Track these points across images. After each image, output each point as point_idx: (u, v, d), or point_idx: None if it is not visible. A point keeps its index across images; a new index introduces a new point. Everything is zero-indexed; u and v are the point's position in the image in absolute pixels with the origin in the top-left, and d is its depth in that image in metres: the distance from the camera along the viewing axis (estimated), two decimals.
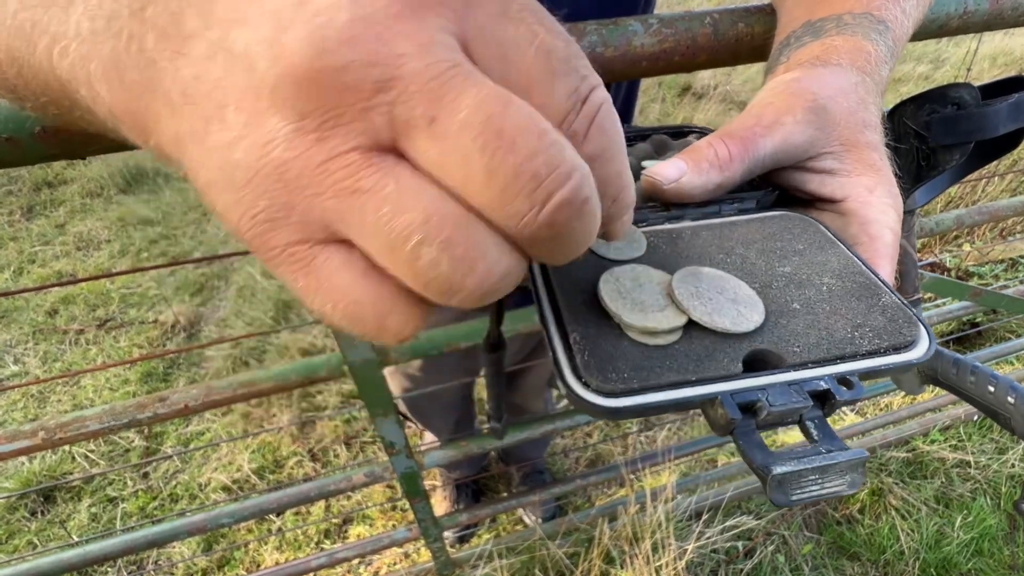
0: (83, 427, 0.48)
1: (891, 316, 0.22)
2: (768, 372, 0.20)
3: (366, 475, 0.72)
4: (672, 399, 0.19)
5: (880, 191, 0.26)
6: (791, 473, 0.17)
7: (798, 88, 0.27)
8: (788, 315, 0.22)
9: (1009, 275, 1.75)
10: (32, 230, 2.42)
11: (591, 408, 0.19)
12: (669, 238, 0.26)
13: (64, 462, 1.52)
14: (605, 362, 0.19)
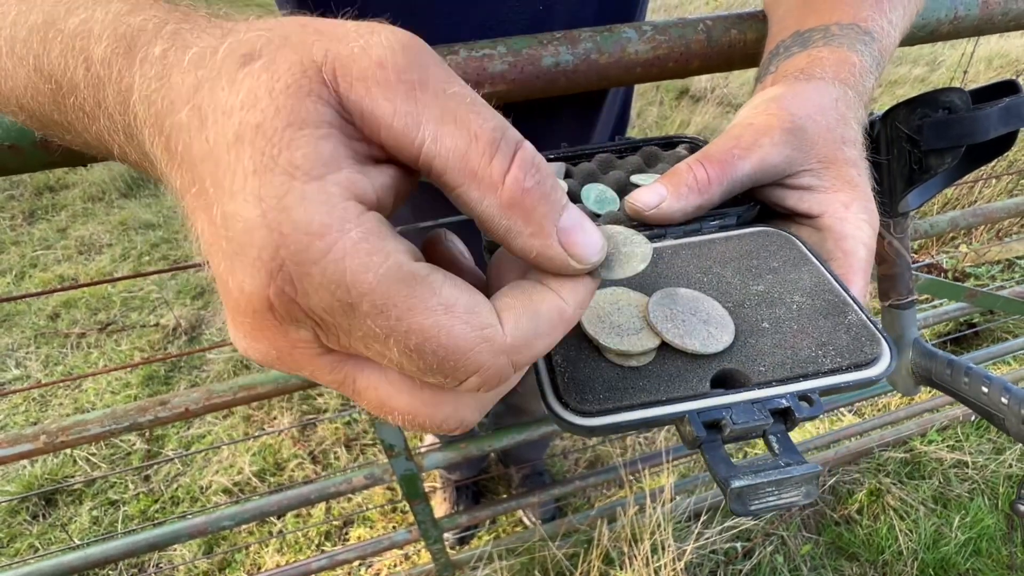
0: (85, 431, 0.49)
1: (855, 334, 0.23)
2: (733, 391, 0.21)
3: (366, 477, 0.73)
4: (643, 418, 0.20)
5: (856, 207, 0.27)
6: (749, 486, 0.19)
7: (777, 108, 0.28)
8: (757, 334, 0.23)
9: (1006, 276, 1.75)
10: (34, 234, 2.43)
11: (570, 427, 0.20)
12: (652, 259, 0.27)
13: (65, 465, 1.53)
14: (583, 383, 0.21)
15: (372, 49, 0.16)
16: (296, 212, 0.14)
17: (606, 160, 0.35)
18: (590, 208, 0.30)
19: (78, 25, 0.18)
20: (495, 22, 0.43)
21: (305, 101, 0.15)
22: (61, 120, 0.20)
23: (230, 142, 0.15)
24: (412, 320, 0.15)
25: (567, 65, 0.38)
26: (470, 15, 0.42)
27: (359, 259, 0.15)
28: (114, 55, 0.17)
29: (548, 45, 0.38)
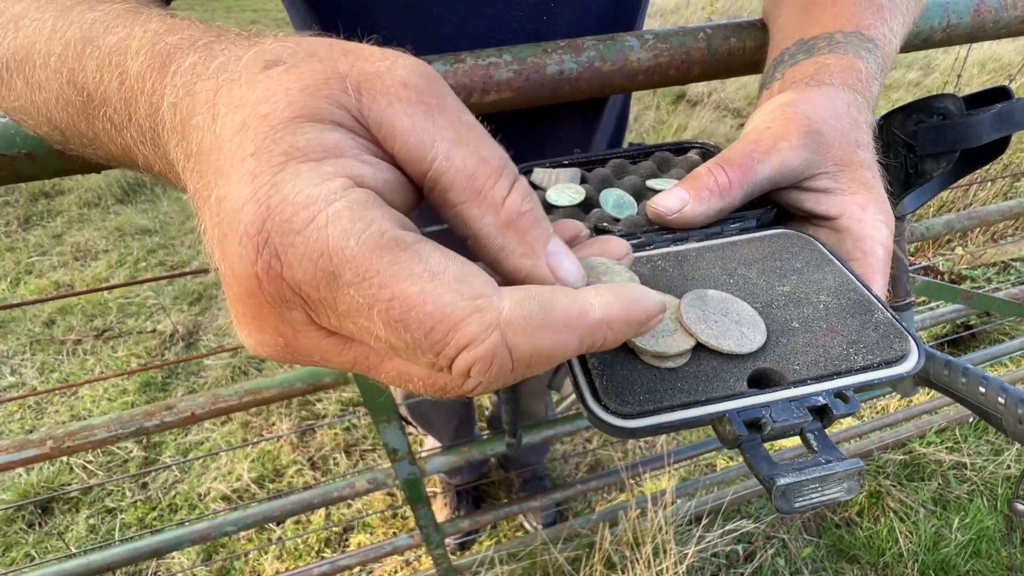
0: (91, 435, 0.49)
1: (883, 332, 0.23)
2: (771, 389, 0.22)
3: (369, 482, 0.73)
4: (684, 418, 0.21)
5: (872, 208, 0.28)
6: (794, 484, 0.19)
7: (793, 113, 0.29)
8: (788, 333, 0.24)
9: (1001, 278, 1.77)
10: (29, 240, 2.42)
11: (611, 429, 0.20)
12: (675, 260, 0.27)
13: (62, 473, 1.52)
14: (622, 385, 0.21)
15: (397, 70, 0.16)
16: (286, 186, 0.15)
17: (620, 166, 0.35)
18: (609, 212, 0.31)
19: (116, 43, 0.19)
20: (500, 32, 0.43)
21: (320, 101, 0.15)
22: (88, 131, 0.20)
23: (235, 129, 0.15)
24: (396, 287, 0.15)
25: (571, 73, 0.39)
26: (476, 25, 0.43)
27: (341, 226, 0.14)
28: (149, 70, 0.18)
29: (552, 53, 0.38)
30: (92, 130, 0.20)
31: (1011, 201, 0.77)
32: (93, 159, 0.23)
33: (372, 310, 0.15)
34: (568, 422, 0.80)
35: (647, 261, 0.27)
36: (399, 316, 0.15)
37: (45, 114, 0.21)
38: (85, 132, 0.21)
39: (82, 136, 0.21)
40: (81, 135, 0.21)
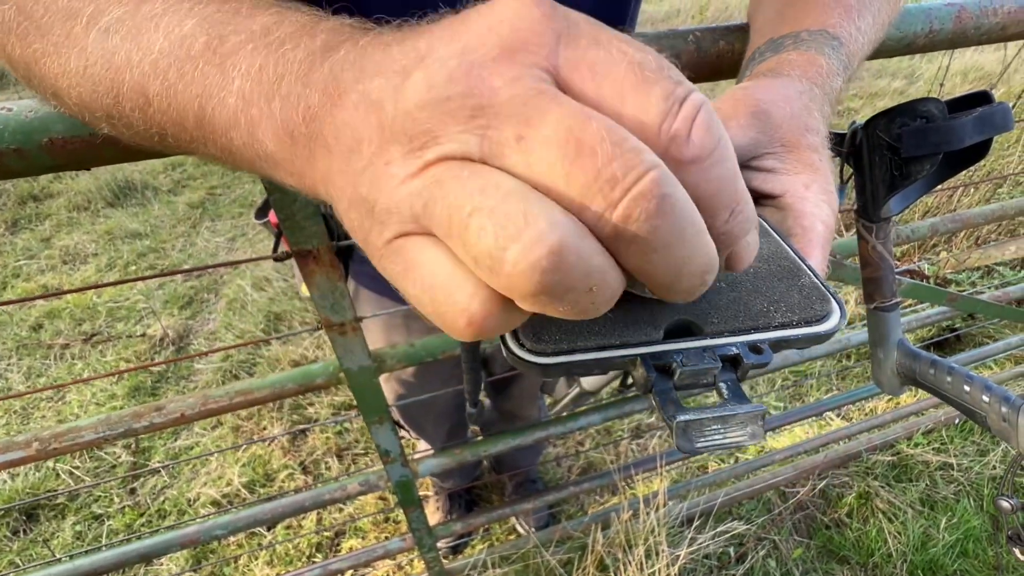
0: (78, 437, 0.48)
1: (807, 294, 0.24)
2: (685, 339, 0.22)
3: (361, 484, 0.73)
4: (596, 358, 0.21)
5: (815, 188, 0.29)
6: (694, 421, 0.19)
7: (743, 95, 0.30)
8: (712, 292, 0.24)
9: (985, 282, 1.80)
10: (16, 244, 2.39)
11: (525, 365, 0.21)
12: None
13: (48, 479, 1.49)
14: (540, 326, 0.22)
15: None
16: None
17: None
18: None
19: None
20: None
21: None
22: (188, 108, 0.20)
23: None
24: None
25: None
26: None
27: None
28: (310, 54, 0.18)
29: None
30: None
31: (993, 205, 0.79)
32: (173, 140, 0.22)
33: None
34: (560, 424, 0.80)
35: None
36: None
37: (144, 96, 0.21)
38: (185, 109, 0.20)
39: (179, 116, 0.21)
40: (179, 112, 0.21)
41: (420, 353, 0.56)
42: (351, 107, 0.17)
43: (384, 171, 0.15)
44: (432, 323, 0.17)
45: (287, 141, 0.18)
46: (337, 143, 0.17)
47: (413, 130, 0.15)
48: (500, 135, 0.14)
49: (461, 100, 0.14)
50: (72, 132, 0.31)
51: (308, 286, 0.44)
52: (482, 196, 0.14)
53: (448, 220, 0.14)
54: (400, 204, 0.15)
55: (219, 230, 2.48)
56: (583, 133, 0.14)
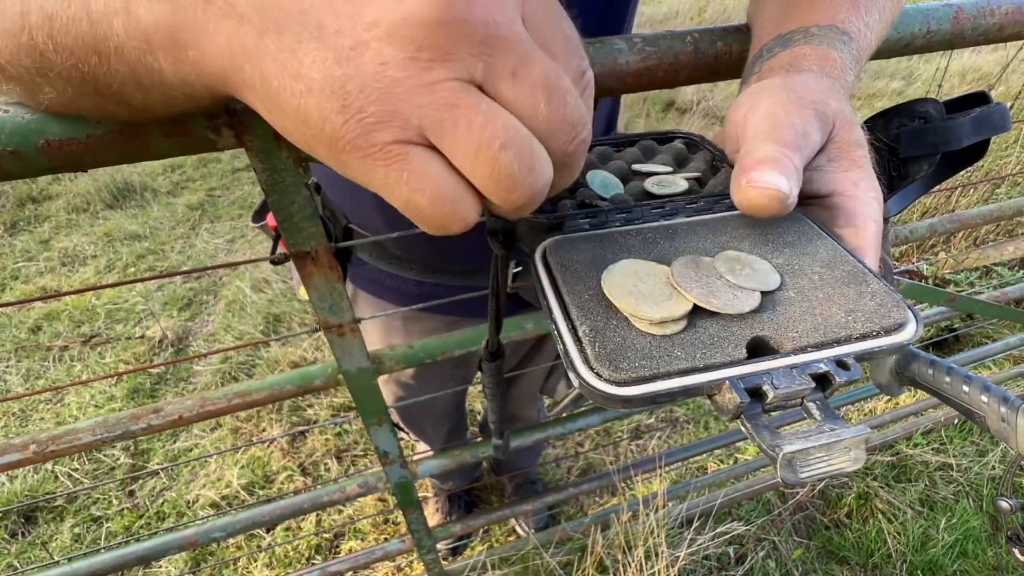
0: (76, 439, 0.48)
1: (880, 301, 0.23)
2: (771, 357, 0.21)
3: (360, 486, 0.72)
4: (682, 386, 0.20)
5: (864, 185, 0.28)
6: (799, 451, 0.18)
7: (796, 97, 0.28)
8: (785, 303, 0.23)
9: (983, 282, 1.80)
10: (15, 246, 2.39)
11: (604, 397, 0.19)
12: (667, 233, 0.27)
13: (46, 481, 1.49)
14: (615, 353, 0.20)
15: None
16: None
17: (604, 153, 0.35)
18: (595, 191, 0.31)
19: None
20: None
21: None
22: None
23: None
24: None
25: None
26: None
27: None
28: None
29: None
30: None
31: (991, 205, 0.79)
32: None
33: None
34: (560, 425, 0.80)
35: (637, 234, 0.27)
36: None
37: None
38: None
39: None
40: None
41: (419, 355, 0.56)
42: None
43: (380, 76, 0.16)
44: (414, 220, 0.19)
45: (165, 7, 0.18)
46: (262, 16, 0.17)
47: (424, 41, 0.16)
48: (501, 66, 0.17)
49: (475, 27, 0.16)
50: (68, 134, 0.31)
51: (306, 288, 0.44)
52: (506, 134, 0.18)
53: (476, 147, 0.17)
54: (408, 112, 0.17)
55: (218, 232, 2.48)
56: (559, 84, 0.18)
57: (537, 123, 0.18)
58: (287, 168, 0.36)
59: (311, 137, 0.18)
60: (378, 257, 0.65)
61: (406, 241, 0.61)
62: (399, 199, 0.18)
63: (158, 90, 0.21)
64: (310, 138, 0.18)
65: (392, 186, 0.18)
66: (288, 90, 0.17)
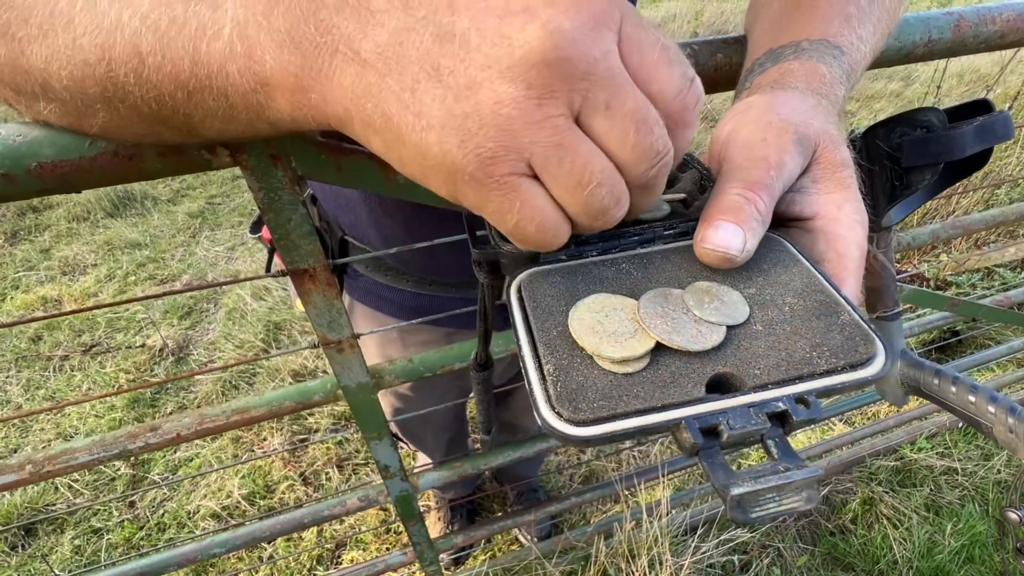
0: (72, 459, 0.47)
1: (849, 334, 0.23)
2: (730, 395, 0.21)
3: (360, 499, 0.72)
4: (638, 426, 0.20)
5: (848, 208, 0.27)
6: (749, 493, 0.18)
7: (779, 121, 0.28)
8: (750, 337, 0.23)
9: (986, 284, 1.79)
10: (16, 255, 2.39)
11: (563, 438, 0.20)
12: (640, 263, 0.27)
13: (47, 493, 1.48)
14: (576, 392, 0.21)
15: None
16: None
17: None
18: None
19: None
20: None
21: None
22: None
23: None
24: None
25: None
26: None
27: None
28: None
29: None
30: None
31: (994, 210, 0.78)
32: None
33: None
34: None
35: (612, 264, 0.27)
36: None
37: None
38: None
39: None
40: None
41: (419, 369, 0.56)
42: (402, 30, 0.18)
43: (496, 113, 0.18)
44: (516, 242, 0.22)
45: (293, 53, 0.19)
46: (383, 59, 0.18)
47: (534, 80, 0.18)
48: (596, 99, 0.19)
49: (577, 63, 0.18)
50: (61, 156, 0.30)
51: (304, 304, 0.44)
52: (603, 174, 0.20)
53: (576, 183, 0.20)
54: (521, 147, 0.19)
55: (218, 239, 2.48)
56: (647, 115, 0.20)
57: (625, 153, 0.20)
58: (283, 186, 0.35)
59: (429, 168, 0.20)
60: (374, 269, 0.64)
61: (402, 254, 0.60)
62: (507, 224, 0.21)
63: (250, 124, 0.22)
64: (427, 169, 0.20)
65: (504, 213, 0.20)
66: (410, 126, 0.19)
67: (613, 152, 0.20)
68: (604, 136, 0.20)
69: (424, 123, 0.18)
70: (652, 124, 0.20)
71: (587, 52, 0.18)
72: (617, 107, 0.19)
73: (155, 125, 0.23)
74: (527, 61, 0.18)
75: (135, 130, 0.25)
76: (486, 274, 0.29)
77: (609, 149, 0.20)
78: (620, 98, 0.19)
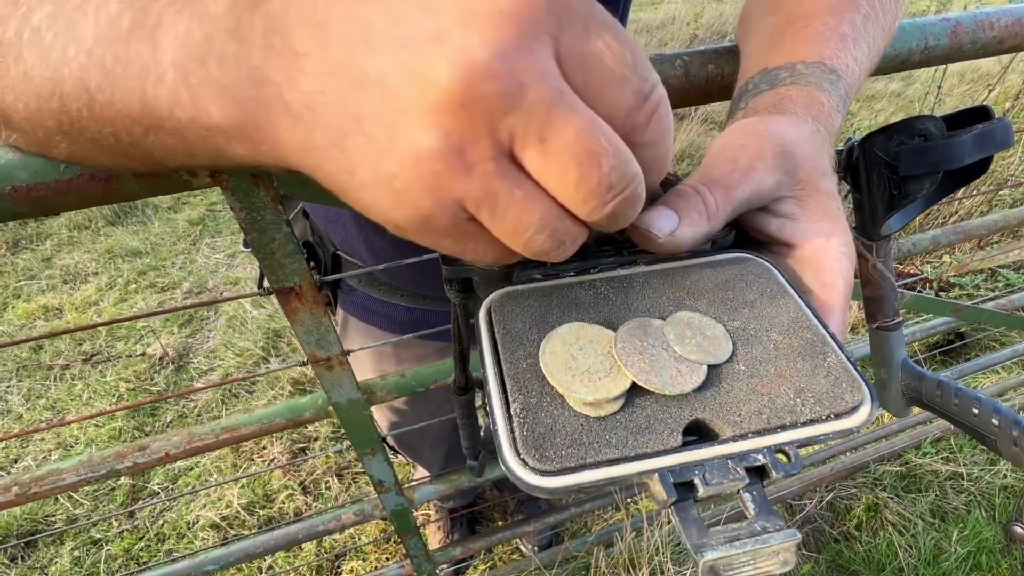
0: (59, 480, 0.47)
1: (835, 379, 0.22)
2: (707, 444, 0.20)
3: (356, 513, 0.71)
4: (608, 478, 0.19)
5: (836, 240, 0.27)
6: (723, 559, 0.17)
7: (766, 132, 0.28)
8: (732, 377, 0.22)
9: (989, 285, 1.78)
10: (17, 264, 2.40)
11: (527, 487, 0.18)
12: (620, 287, 0.25)
13: (47, 503, 1.48)
14: (544, 437, 0.19)
15: None
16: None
17: None
18: None
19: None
20: None
21: None
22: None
23: None
24: None
25: None
26: None
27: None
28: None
29: None
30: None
31: (995, 215, 0.77)
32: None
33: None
34: None
35: (590, 287, 0.25)
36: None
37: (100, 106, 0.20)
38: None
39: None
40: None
41: (411, 383, 0.55)
42: (324, 76, 0.16)
43: (419, 168, 0.16)
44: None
45: (234, 108, 0.18)
46: (312, 114, 0.17)
47: (452, 126, 0.16)
48: (527, 133, 0.16)
49: (498, 99, 0.16)
50: (36, 179, 0.30)
51: (292, 323, 0.43)
52: (540, 221, 0.18)
53: (512, 232, 0.18)
54: (454, 197, 0.17)
55: (219, 246, 2.48)
56: (593, 144, 0.17)
57: (568, 192, 0.17)
58: (265, 206, 0.35)
59: (379, 220, 0.18)
60: (368, 285, 0.64)
61: (393, 270, 0.60)
62: (465, 257, 0.20)
63: (213, 161, 0.21)
64: (377, 219, 0.18)
65: (458, 252, 0.20)
66: (346, 184, 0.18)
67: (554, 191, 0.18)
68: (541, 174, 0.17)
69: (358, 182, 0.17)
70: (600, 155, 0.17)
71: (510, 83, 0.15)
72: (553, 140, 0.16)
73: (118, 157, 0.22)
74: (439, 106, 0.15)
75: (100, 161, 0.24)
76: (457, 293, 0.27)
77: (550, 188, 0.18)
78: (555, 129, 0.16)
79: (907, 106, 3.00)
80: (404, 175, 0.16)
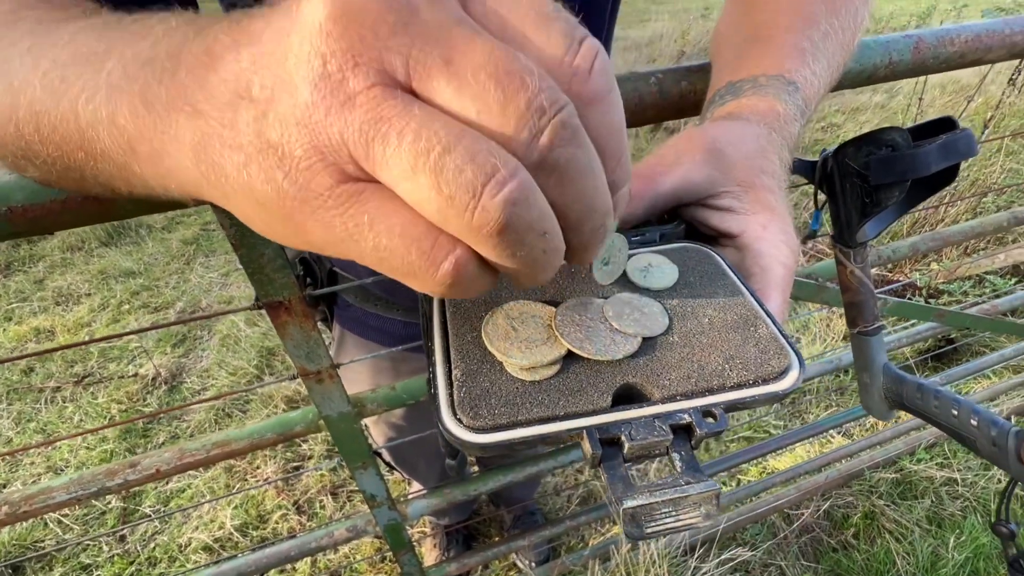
0: (50, 499, 0.47)
1: (763, 347, 0.23)
2: (634, 406, 0.21)
3: (348, 530, 0.71)
4: (538, 434, 0.20)
5: (773, 228, 0.28)
6: (643, 507, 0.18)
7: (699, 133, 0.30)
8: (665, 347, 0.23)
9: (977, 291, 1.80)
10: (10, 287, 2.39)
11: (459, 444, 0.19)
12: (569, 272, 0.27)
13: (35, 529, 1.46)
14: (479, 398, 0.20)
15: None
16: None
17: None
18: None
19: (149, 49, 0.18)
20: None
21: None
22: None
23: None
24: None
25: None
26: None
27: None
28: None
29: None
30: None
31: (973, 221, 0.79)
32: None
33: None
34: (553, 457, 0.79)
35: None
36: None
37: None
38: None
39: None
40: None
41: (401, 396, 0.55)
42: (230, 62, 0.15)
43: (295, 108, 0.14)
44: (406, 279, 0.16)
45: (142, 112, 0.17)
46: (211, 101, 0.15)
47: (325, 52, 0.13)
48: (426, 56, 0.14)
49: (379, 15, 0.13)
50: (31, 200, 0.31)
51: (281, 337, 0.44)
52: (448, 136, 0.13)
53: (413, 160, 0.13)
54: (331, 142, 0.14)
55: (213, 266, 2.48)
56: (513, 65, 0.14)
57: (491, 116, 0.14)
58: None
59: (267, 215, 0.16)
60: (363, 299, 0.65)
61: (388, 283, 0.61)
62: (370, 252, 0.15)
63: (142, 189, 0.20)
64: (267, 217, 0.16)
65: (358, 238, 0.15)
66: (234, 165, 0.15)
67: (473, 120, 0.14)
68: (453, 101, 0.14)
69: (243, 157, 0.15)
70: (523, 73, 0.14)
71: (395, 1, 0.13)
72: (462, 61, 0.14)
73: (80, 182, 0.22)
74: (312, 28, 0.13)
75: (66, 185, 0.24)
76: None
77: (466, 117, 0.14)
78: (461, 50, 0.14)
79: (890, 117, 3.06)
80: (279, 120, 0.14)
